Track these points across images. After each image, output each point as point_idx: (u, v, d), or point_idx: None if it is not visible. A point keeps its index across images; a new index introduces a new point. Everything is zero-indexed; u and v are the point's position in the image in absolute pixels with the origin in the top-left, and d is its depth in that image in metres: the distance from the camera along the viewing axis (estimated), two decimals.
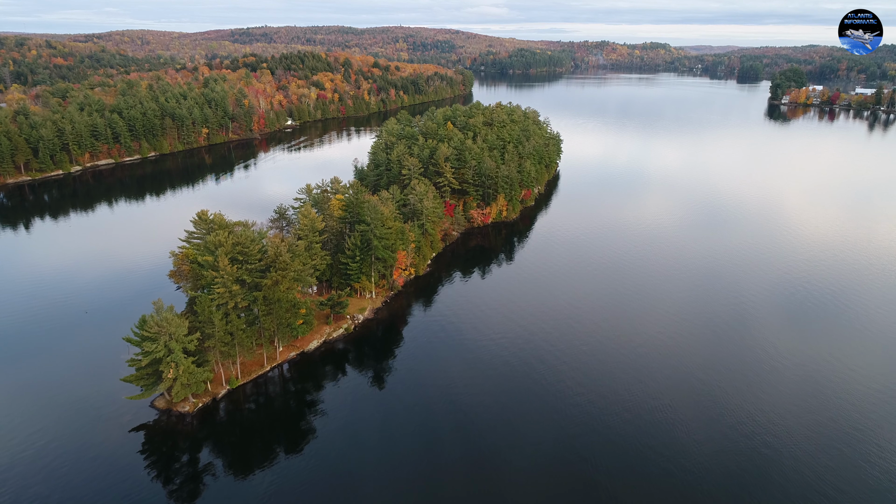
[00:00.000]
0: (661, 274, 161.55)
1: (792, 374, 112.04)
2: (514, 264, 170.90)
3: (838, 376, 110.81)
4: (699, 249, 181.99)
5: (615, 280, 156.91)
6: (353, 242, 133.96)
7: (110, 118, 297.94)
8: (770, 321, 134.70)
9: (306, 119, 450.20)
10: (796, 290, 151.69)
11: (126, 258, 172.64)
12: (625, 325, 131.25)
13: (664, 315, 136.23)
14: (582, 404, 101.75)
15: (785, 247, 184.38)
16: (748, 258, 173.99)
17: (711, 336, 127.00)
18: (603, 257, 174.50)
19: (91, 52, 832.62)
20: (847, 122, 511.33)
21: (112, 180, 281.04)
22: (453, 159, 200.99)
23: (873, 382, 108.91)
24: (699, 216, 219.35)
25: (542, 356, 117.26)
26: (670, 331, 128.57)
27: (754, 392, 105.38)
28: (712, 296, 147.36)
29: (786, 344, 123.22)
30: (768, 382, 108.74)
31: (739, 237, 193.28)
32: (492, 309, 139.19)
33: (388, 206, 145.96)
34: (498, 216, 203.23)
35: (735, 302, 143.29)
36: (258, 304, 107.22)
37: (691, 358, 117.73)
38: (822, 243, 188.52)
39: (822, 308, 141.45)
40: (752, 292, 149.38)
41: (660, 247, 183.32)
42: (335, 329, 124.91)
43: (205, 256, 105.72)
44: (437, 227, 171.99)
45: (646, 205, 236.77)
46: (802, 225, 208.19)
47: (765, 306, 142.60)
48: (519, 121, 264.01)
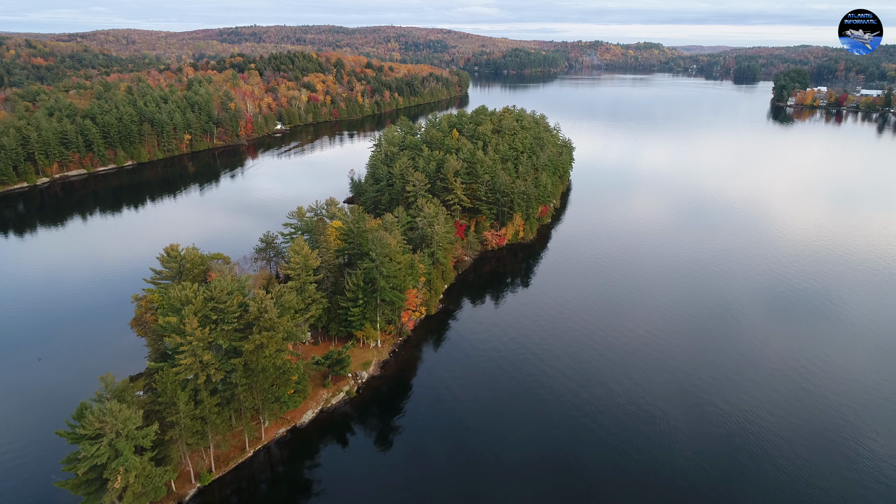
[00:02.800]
0: (707, 301, 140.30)
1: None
2: (535, 294, 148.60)
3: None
4: (737, 262, 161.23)
5: (645, 308, 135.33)
6: (354, 283, 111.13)
7: (82, 124, 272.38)
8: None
9: (297, 123, 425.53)
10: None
11: (90, 291, 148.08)
12: (681, 383, 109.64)
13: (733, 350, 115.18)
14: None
15: (813, 251, 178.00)
16: (779, 262, 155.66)
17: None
18: (628, 279, 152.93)
19: (73, 52, 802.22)
20: (857, 125, 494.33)
21: (84, 192, 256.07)
22: (463, 173, 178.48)
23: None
24: (742, 232, 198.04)
25: (581, 408, 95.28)
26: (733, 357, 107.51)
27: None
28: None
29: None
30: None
31: (777, 246, 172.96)
32: (517, 354, 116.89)
33: (395, 235, 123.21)
34: (514, 237, 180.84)
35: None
36: (237, 375, 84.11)
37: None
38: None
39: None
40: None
41: (697, 267, 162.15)
42: (334, 393, 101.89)
43: (167, 318, 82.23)
44: (449, 255, 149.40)
45: (672, 217, 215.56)
46: (826, 230, 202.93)
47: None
48: (529, 127, 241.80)
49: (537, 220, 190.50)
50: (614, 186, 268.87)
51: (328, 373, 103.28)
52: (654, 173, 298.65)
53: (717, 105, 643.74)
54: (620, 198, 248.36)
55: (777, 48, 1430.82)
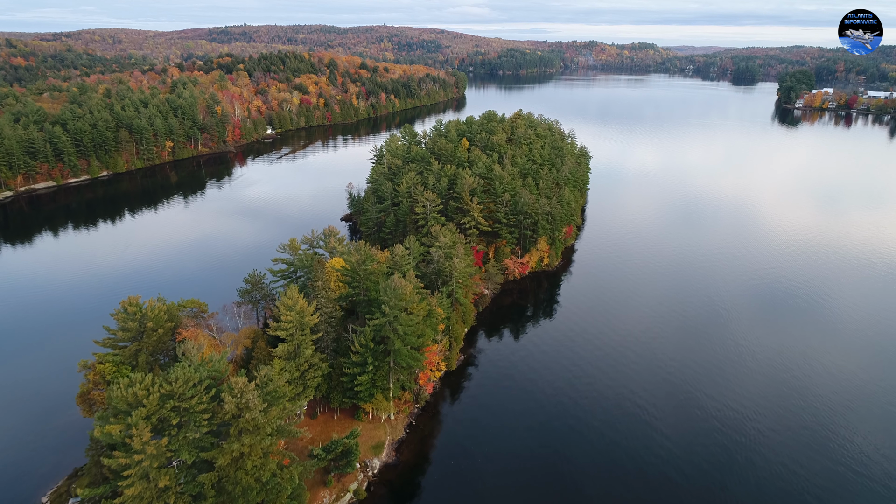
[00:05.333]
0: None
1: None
2: (566, 334, 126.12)
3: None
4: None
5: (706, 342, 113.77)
6: (362, 343, 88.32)
7: (51, 131, 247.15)
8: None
9: (288, 127, 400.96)
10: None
11: (36, 349, 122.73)
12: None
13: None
14: None
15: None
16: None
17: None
18: (670, 311, 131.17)
19: (55, 52, 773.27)
20: (871, 128, 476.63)
21: (52, 207, 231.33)
22: (480, 191, 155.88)
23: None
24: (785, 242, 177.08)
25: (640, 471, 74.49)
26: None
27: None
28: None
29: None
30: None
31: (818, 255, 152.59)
32: (555, 416, 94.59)
33: (410, 277, 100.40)
34: (538, 264, 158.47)
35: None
36: (208, 499, 61.03)
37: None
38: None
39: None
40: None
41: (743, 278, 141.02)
42: (338, 495, 78.83)
43: (108, 426, 58.78)
44: (469, 293, 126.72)
45: (702, 229, 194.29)
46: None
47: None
48: (544, 135, 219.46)
49: (562, 243, 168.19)
50: (634, 196, 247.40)
51: (330, 468, 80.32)
52: (671, 179, 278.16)
53: (723, 107, 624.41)
54: (643, 209, 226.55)
55: (771, 49, 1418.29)
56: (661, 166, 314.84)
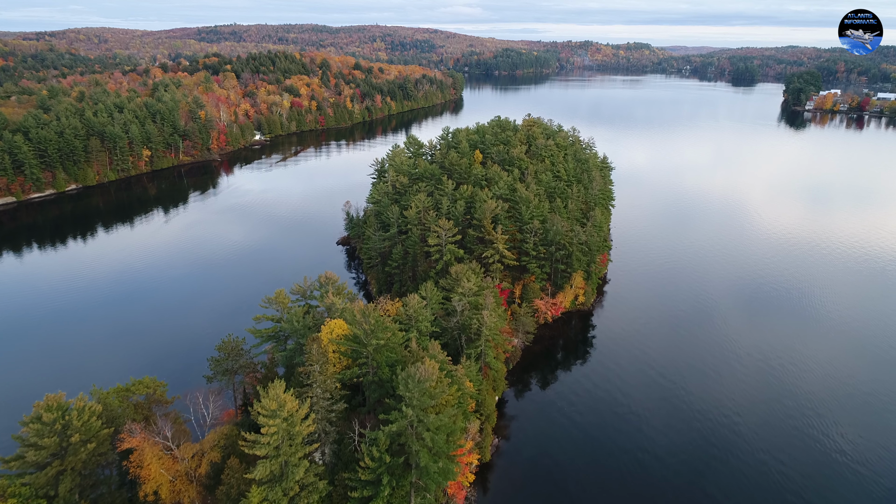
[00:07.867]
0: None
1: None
2: (619, 395, 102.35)
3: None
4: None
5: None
6: (374, 457, 63.88)
7: (11, 140, 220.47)
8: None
9: (278, 132, 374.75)
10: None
11: None
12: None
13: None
14: None
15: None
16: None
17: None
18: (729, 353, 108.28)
19: (36, 52, 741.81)
20: (886, 131, 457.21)
21: (12, 226, 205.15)
22: (503, 218, 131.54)
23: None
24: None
25: None
26: None
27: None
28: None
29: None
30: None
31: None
32: None
33: (434, 349, 76.00)
34: (572, 303, 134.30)
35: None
36: None
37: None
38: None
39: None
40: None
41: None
42: None
43: None
44: (501, 353, 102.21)
45: (736, 242, 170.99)
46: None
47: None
48: (564, 145, 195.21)
49: (598, 277, 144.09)
50: (662, 209, 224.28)
51: None
52: (694, 187, 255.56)
53: (729, 109, 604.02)
54: (671, 223, 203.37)
55: (766, 49, 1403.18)
56: (687, 174, 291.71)
